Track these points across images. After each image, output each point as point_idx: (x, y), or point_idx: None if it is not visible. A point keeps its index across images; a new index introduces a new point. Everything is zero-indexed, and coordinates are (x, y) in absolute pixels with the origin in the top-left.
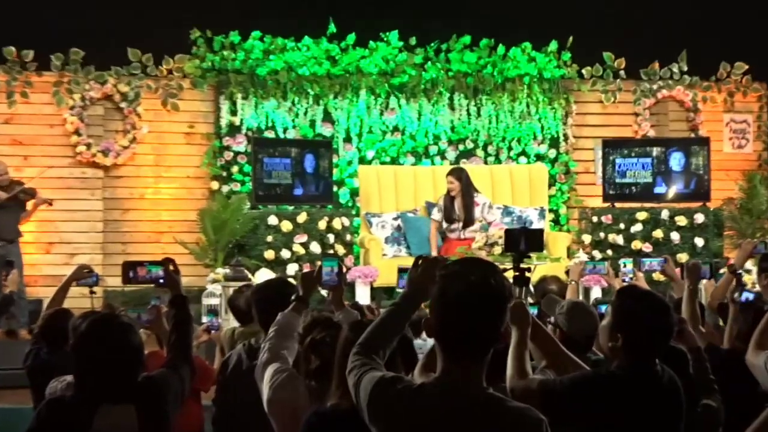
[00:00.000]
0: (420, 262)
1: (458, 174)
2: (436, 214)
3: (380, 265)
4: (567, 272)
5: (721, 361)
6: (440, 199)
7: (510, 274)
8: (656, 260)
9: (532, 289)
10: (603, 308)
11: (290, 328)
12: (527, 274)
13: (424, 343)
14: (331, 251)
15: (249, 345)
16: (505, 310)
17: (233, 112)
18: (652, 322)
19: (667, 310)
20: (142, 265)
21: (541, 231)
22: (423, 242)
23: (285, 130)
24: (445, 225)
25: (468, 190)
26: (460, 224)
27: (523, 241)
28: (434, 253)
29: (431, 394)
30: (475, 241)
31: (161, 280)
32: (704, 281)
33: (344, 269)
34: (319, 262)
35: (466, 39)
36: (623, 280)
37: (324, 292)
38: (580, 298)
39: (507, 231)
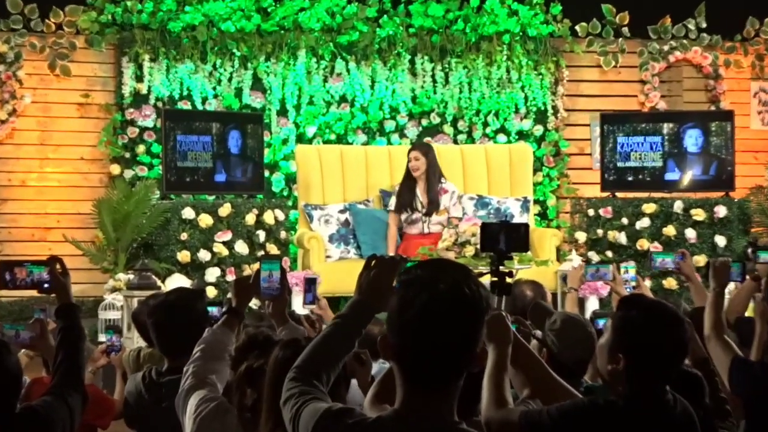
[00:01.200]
0: (373, 263)
1: (425, 150)
2: (394, 204)
3: (323, 270)
4: (564, 278)
5: (753, 379)
6: (398, 184)
7: (486, 280)
8: (669, 256)
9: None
10: (601, 323)
11: (220, 347)
12: (508, 280)
13: (384, 365)
14: (262, 252)
15: (149, 375)
16: (481, 325)
17: (139, 78)
18: (661, 339)
19: (680, 324)
20: (21, 266)
21: (525, 226)
22: (378, 241)
23: (204, 101)
24: (403, 216)
25: (434, 170)
26: (423, 212)
27: (503, 238)
28: (391, 253)
29: (389, 430)
30: (442, 239)
31: (46, 285)
32: (731, 285)
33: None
34: (256, 266)
35: None
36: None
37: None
38: (577, 310)
39: (483, 226)
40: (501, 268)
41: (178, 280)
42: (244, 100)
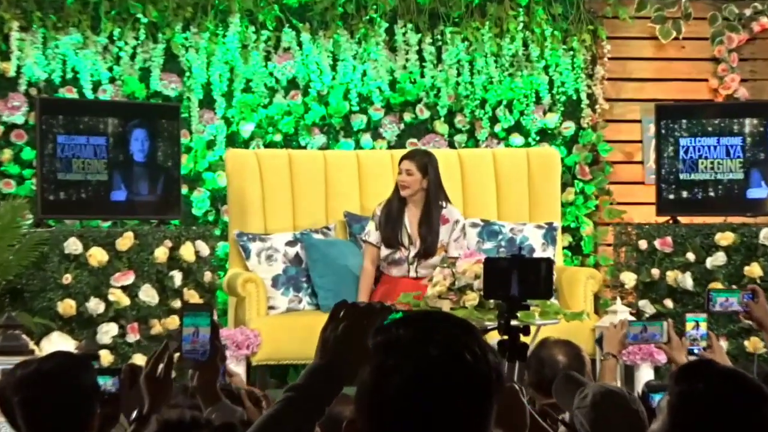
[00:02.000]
0: (342, 313)
1: (422, 160)
2: (373, 233)
3: (265, 326)
4: (598, 340)
5: None
6: (379, 206)
7: (493, 338)
8: (734, 295)
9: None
10: (656, 399)
11: None
12: (523, 338)
13: None
14: (178, 301)
15: None
16: (488, 405)
17: (3, 55)
18: (738, 424)
19: (764, 402)
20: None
21: (547, 263)
22: (342, 285)
23: (96, 87)
24: (385, 252)
25: (436, 193)
26: (414, 251)
27: (516, 280)
28: (363, 299)
29: None
30: (433, 282)
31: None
32: None
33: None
34: (171, 321)
35: None
36: (691, 351)
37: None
38: (619, 383)
39: (488, 262)
40: (513, 322)
41: (58, 342)
42: (153, 85)
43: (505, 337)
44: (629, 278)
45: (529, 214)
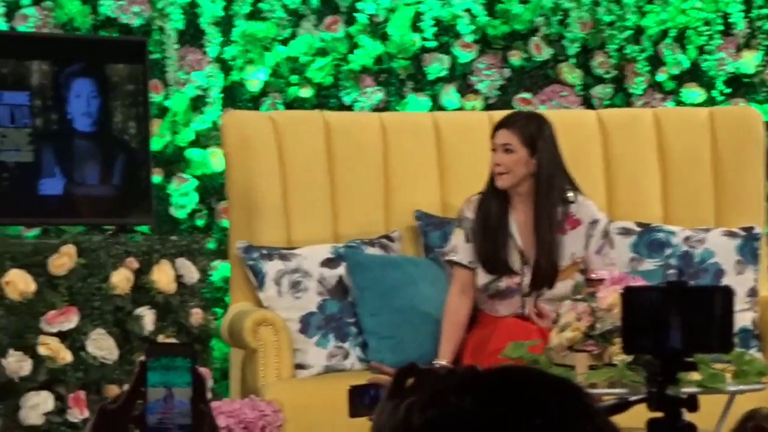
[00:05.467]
0: (409, 384)
1: (528, 130)
2: (462, 248)
3: (289, 397)
4: None
5: None
6: (468, 204)
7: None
8: None
9: None
10: None
11: None
12: (686, 416)
13: None
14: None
15: None
16: None
17: None
18: None
19: None
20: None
21: (726, 296)
22: (413, 330)
23: (12, 12)
24: (484, 279)
25: (553, 180)
26: (529, 276)
27: (677, 322)
28: (446, 359)
29: None
30: (560, 325)
31: None
32: None
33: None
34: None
35: None
36: None
37: None
38: None
39: (629, 295)
40: (668, 391)
41: None
42: (103, 8)
43: (659, 413)
44: None
45: (716, 213)
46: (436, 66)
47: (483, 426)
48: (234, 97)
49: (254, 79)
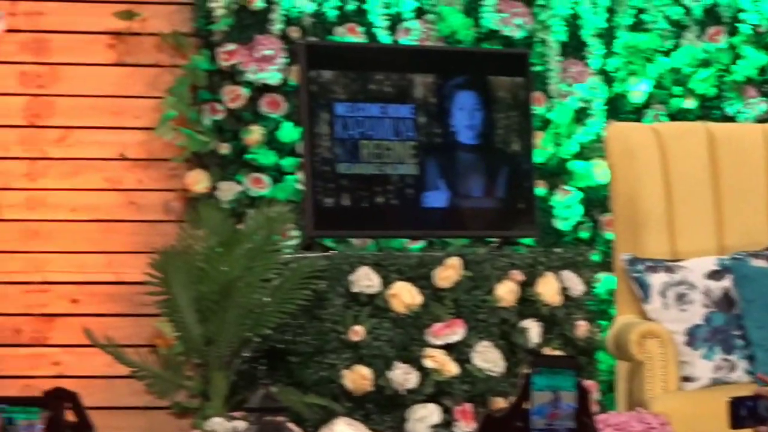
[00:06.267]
0: None
1: None
2: None
3: (676, 409)
4: None
5: None
6: None
7: None
8: None
9: None
10: None
11: None
12: None
13: None
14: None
15: None
16: None
17: None
18: None
19: None
20: None
21: None
22: None
23: (394, 25)
24: None
25: None
26: None
27: None
28: None
29: None
30: None
31: None
32: None
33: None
34: None
35: None
36: None
37: None
38: None
39: None
40: None
41: None
42: (485, 21)
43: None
44: None
45: None
46: None
47: None
48: (617, 108)
49: (637, 91)
